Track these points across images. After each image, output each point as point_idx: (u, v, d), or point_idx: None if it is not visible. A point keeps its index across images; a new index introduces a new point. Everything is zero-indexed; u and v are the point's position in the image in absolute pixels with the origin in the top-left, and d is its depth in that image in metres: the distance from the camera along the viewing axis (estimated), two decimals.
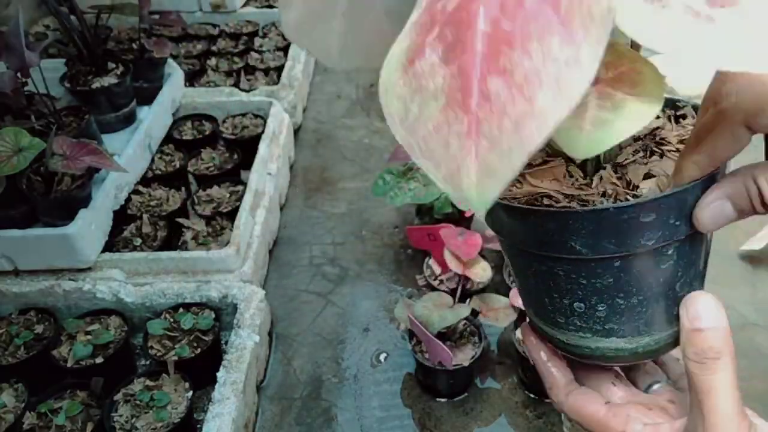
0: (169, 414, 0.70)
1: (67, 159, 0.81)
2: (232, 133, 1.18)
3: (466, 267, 0.78)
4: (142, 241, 0.92)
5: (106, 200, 0.91)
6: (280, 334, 0.90)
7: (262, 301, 0.84)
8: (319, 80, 1.55)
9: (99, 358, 0.76)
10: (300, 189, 1.20)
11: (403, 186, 0.91)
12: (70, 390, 0.73)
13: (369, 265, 1.01)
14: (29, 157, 0.78)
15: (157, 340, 0.79)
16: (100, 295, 0.83)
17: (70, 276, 0.85)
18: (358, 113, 1.42)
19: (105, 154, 0.83)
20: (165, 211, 0.98)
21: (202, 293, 0.83)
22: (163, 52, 1.11)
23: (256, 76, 1.37)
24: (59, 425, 0.69)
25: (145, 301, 0.83)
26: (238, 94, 1.26)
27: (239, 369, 0.73)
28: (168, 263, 0.87)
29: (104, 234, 0.90)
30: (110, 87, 1.05)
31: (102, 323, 0.81)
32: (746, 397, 0.30)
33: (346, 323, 0.91)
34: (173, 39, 1.48)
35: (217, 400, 0.69)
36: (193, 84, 1.33)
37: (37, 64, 0.89)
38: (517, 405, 0.79)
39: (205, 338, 0.79)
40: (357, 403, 0.80)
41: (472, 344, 0.79)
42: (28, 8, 1.38)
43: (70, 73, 1.07)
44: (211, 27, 1.56)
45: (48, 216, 0.87)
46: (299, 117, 1.36)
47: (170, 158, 1.10)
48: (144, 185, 1.02)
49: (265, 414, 0.79)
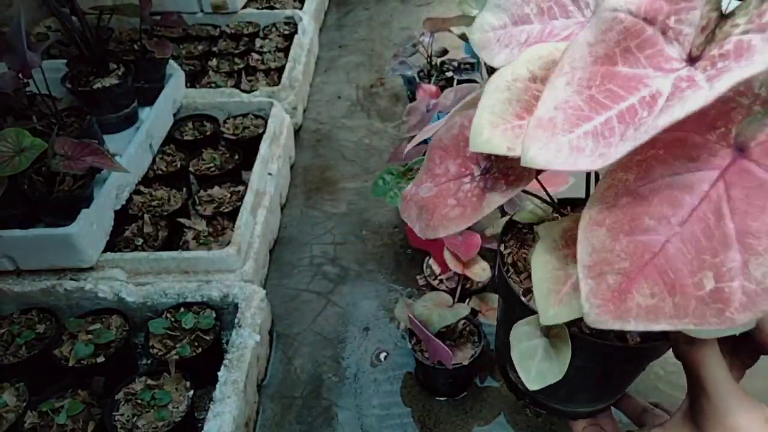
0: (170, 413, 0.70)
1: (69, 159, 0.81)
2: (233, 133, 1.18)
3: (466, 267, 0.78)
4: (144, 241, 0.93)
5: (108, 200, 0.91)
6: (280, 333, 0.91)
7: (263, 301, 0.84)
8: (319, 81, 1.56)
9: (100, 358, 0.77)
10: (300, 189, 1.20)
11: (403, 186, 0.91)
12: (71, 389, 0.73)
13: (369, 264, 1.02)
14: (31, 157, 0.78)
15: (158, 340, 0.79)
16: (102, 294, 0.83)
17: (71, 276, 0.85)
18: (358, 114, 1.42)
19: (106, 155, 0.84)
20: (166, 211, 0.98)
21: (203, 293, 0.84)
22: (164, 52, 1.12)
23: (257, 76, 1.38)
24: (60, 424, 0.69)
25: (146, 301, 0.84)
26: (239, 94, 1.26)
27: (240, 368, 0.73)
28: (169, 263, 0.88)
29: (106, 234, 0.90)
30: (112, 87, 1.05)
31: (103, 323, 0.81)
32: None
33: (347, 323, 0.92)
34: (174, 40, 1.48)
35: (218, 399, 0.70)
36: (194, 85, 1.33)
37: (39, 64, 0.89)
38: (517, 404, 0.79)
39: (206, 337, 0.79)
40: (357, 402, 0.80)
41: (472, 343, 0.79)
42: (29, 9, 1.39)
43: (71, 74, 1.07)
44: (212, 28, 1.56)
45: (50, 216, 0.87)
46: (300, 117, 1.36)
47: (171, 158, 1.11)
48: (145, 185, 1.02)
49: (266, 413, 0.80)
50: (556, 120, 0.35)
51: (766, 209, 0.30)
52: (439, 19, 1.11)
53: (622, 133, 0.33)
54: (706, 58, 0.33)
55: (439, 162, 0.49)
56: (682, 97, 0.30)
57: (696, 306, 0.31)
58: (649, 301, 0.32)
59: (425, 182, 0.49)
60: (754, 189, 0.31)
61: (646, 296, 0.32)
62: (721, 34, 0.33)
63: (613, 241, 0.34)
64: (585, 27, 0.36)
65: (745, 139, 0.32)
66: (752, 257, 0.30)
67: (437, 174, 0.48)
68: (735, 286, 0.30)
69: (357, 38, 1.76)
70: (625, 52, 0.35)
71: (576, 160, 0.33)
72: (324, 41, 1.74)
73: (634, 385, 0.81)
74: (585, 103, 0.35)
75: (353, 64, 1.62)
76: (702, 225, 0.32)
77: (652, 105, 0.32)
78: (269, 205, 1.02)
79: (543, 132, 0.35)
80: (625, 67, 0.35)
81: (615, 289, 0.33)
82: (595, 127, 0.34)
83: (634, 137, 0.32)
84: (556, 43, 0.42)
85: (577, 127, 0.35)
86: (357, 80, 1.55)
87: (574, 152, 0.34)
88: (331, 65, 1.63)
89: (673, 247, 0.32)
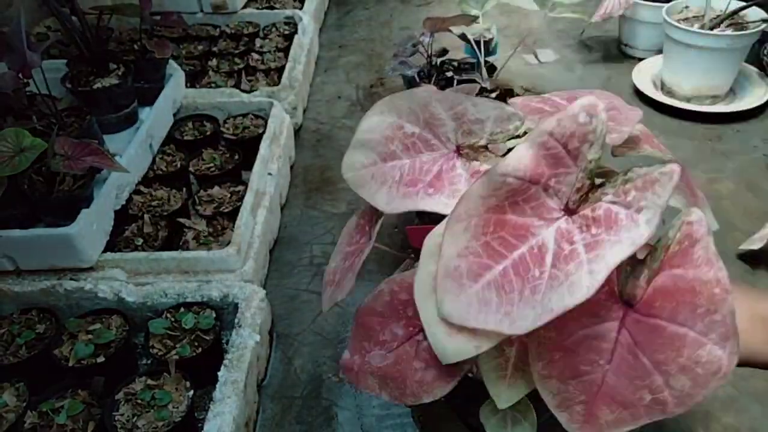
0: (170, 413, 0.70)
1: (69, 159, 0.81)
2: (233, 133, 1.18)
3: None
4: (144, 241, 0.93)
5: (108, 200, 0.91)
6: (280, 333, 0.91)
7: (263, 301, 0.84)
8: (319, 81, 1.56)
9: (100, 358, 0.77)
10: (300, 189, 1.20)
11: None
12: (71, 389, 0.73)
13: (369, 265, 1.01)
14: (31, 157, 0.78)
15: (158, 340, 0.79)
16: (102, 294, 0.83)
17: (71, 276, 0.85)
18: (358, 114, 1.42)
19: (106, 155, 0.84)
20: (166, 211, 0.98)
21: (203, 293, 0.84)
22: (164, 52, 1.12)
23: (257, 76, 1.38)
24: (60, 424, 0.69)
25: (146, 301, 0.84)
26: (239, 94, 1.26)
27: (240, 368, 0.73)
28: (169, 263, 0.88)
29: (105, 234, 0.90)
30: (111, 87, 1.05)
31: (103, 323, 0.81)
32: (746, 397, 0.31)
33: (347, 323, 0.92)
34: (174, 40, 1.48)
35: (218, 399, 0.70)
36: (194, 85, 1.33)
37: (39, 64, 0.89)
38: None
39: (206, 337, 0.79)
40: (357, 402, 0.80)
41: None
42: (29, 9, 1.39)
43: (71, 74, 1.07)
44: (212, 28, 1.56)
45: (49, 216, 0.87)
46: (300, 117, 1.36)
47: (171, 158, 1.11)
48: (145, 185, 1.02)
49: (266, 413, 0.80)
50: (461, 269, 0.43)
51: (664, 345, 0.41)
52: (439, 19, 1.11)
53: (519, 289, 0.41)
54: (581, 214, 0.42)
55: (380, 329, 0.52)
56: (570, 283, 0.39)
57: (645, 411, 0.41)
58: (612, 416, 0.42)
59: (371, 350, 0.53)
60: (650, 333, 0.41)
61: (608, 414, 0.42)
62: (593, 198, 0.42)
63: (566, 386, 0.44)
64: (476, 182, 0.43)
65: (628, 296, 0.42)
66: (669, 377, 0.40)
67: (384, 340, 0.52)
68: (666, 395, 0.41)
69: (357, 38, 1.76)
70: (514, 204, 0.43)
71: (486, 317, 0.41)
72: (324, 41, 1.74)
73: None
74: (483, 250, 0.43)
75: (353, 64, 1.62)
76: (624, 363, 0.42)
77: (542, 263, 0.41)
78: (269, 205, 1.02)
79: (452, 283, 0.43)
80: (514, 216, 0.43)
81: (583, 414, 0.43)
82: (495, 278, 0.42)
83: (533, 310, 0.40)
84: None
85: (481, 277, 0.42)
86: (357, 80, 1.55)
87: (483, 307, 0.42)
88: (331, 65, 1.63)
89: (611, 380, 0.42)
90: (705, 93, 1.30)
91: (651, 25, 1.44)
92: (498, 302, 0.41)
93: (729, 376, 0.39)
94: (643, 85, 1.36)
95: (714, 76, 1.28)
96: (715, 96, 1.30)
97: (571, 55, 1.57)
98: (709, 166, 1.16)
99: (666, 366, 0.40)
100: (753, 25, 1.24)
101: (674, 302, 0.40)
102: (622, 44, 1.56)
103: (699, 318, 0.39)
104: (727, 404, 0.75)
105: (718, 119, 1.28)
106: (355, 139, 0.51)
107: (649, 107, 1.34)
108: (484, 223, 0.43)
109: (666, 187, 0.39)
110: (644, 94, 1.34)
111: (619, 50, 1.57)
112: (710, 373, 0.39)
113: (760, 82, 1.34)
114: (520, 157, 0.42)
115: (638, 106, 1.34)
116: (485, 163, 0.49)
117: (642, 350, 0.41)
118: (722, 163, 1.17)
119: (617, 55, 1.56)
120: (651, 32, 1.46)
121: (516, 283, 0.41)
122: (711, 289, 0.39)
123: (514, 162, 0.42)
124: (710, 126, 1.27)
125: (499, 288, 0.42)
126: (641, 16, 1.45)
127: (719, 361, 0.39)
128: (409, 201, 0.49)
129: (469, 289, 0.42)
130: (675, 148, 1.21)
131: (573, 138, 0.41)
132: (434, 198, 0.49)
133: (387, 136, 0.50)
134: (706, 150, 1.21)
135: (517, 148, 0.42)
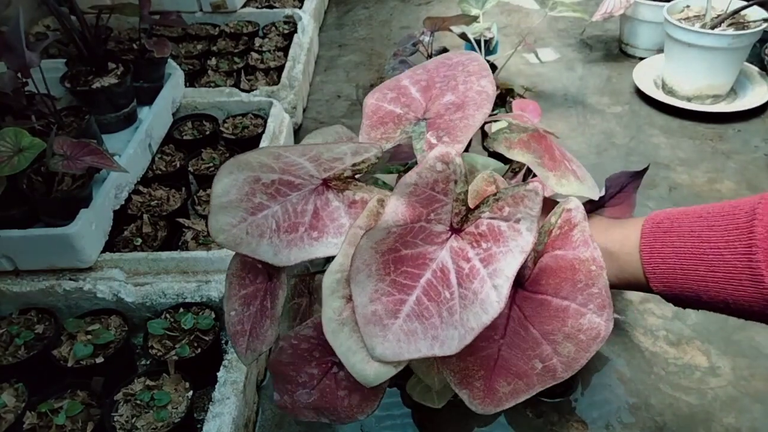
0: (169, 414, 0.70)
1: (68, 159, 0.81)
2: (232, 133, 1.18)
3: None
4: (143, 241, 0.93)
5: (107, 200, 0.91)
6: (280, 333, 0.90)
7: None
8: (319, 80, 1.55)
9: (99, 358, 0.76)
10: None
11: None
12: (70, 390, 0.73)
13: None
14: (30, 157, 0.78)
15: (157, 340, 0.79)
16: (101, 294, 0.83)
17: (70, 276, 0.85)
18: (358, 113, 1.42)
19: (105, 154, 0.84)
20: (165, 211, 0.98)
21: (202, 293, 0.83)
22: (164, 52, 1.11)
23: (257, 76, 1.37)
24: (59, 425, 0.69)
25: (145, 301, 0.83)
26: (239, 94, 1.26)
27: (239, 368, 0.73)
28: (168, 263, 0.87)
29: (104, 234, 0.90)
30: (111, 87, 1.05)
31: (102, 323, 0.81)
32: (746, 397, 0.31)
33: None
34: (173, 39, 1.48)
35: (217, 400, 0.69)
36: (193, 84, 1.33)
37: (38, 64, 0.89)
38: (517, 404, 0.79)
39: (206, 338, 0.79)
40: None
41: None
42: (28, 8, 1.38)
43: (70, 74, 1.07)
44: (212, 27, 1.56)
45: (48, 216, 0.87)
46: (299, 117, 1.36)
47: (171, 158, 1.10)
48: (144, 185, 1.02)
49: (266, 413, 0.79)
50: (378, 312, 0.45)
51: (551, 317, 0.45)
52: (439, 19, 1.11)
53: (438, 312, 0.44)
54: (467, 231, 0.45)
55: (295, 374, 0.56)
56: (481, 301, 0.42)
57: (538, 379, 0.46)
58: (508, 388, 0.47)
59: (295, 391, 0.56)
60: (538, 307, 0.46)
61: (505, 386, 0.47)
62: (473, 218, 0.45)
63: (465, 363, 0.47)
64: (364, 238, 0.44)
65: (518, 276, 0.44)
66: (557, 345, 0.45)
67: (303, 381, 0.57)
68: (555, 362, 0.45)
69: (357, 37, 1.75)
70: (405, 243, 0.45)
71: (417, 346, 0.44)
72: (324, 40, 1.73)
73: (635, 386, 0.81)
74: (391, 288, 0.45)
75: (353, 63, 1.62)
76: (517, 335, 0.47)
77: (448, 284, 0.44)
78: None
79: (374, 327, 0.45)
80: (408, 250, 0.45)
81: (483, 389, 0.47)
82: (412, 308, 0.45)
83: (456, 330, 0.43)
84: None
85: (399, 311, 0.45)
86: (357, 79, 1.54)
87: (411, 337, 0.44)
88: (331, 64, 1.62)
89: (506, 353, 0.47)
90: (706, 92, 1.30)
91: (652, 24, 1.44)
92: (422, 329, 0.44)
93: (605, 339, 0.45)
94: (643, 85, 1.36)
95: (715, 75, 1.27)
96: (716, 95, 1.30)
97: (572, 55, 1.57)
98: (710, 165, 1.16)
99: (553, 335, 0.45)
100: (754, 24, 1.24)
101: (557, 279, 0.45)
102: (622, 43, 1.56)
103: (579, 291, 0.45)
104: (728, 405, 0.75)
105: (719, 119, 1.28)
106: (212, 205, 0.49)
107: (650, 107, 1.34)
108: (384, 266, 0.45)
109: (535, 200, 0.43)
110: (645, 94, 1.34)
111: (620, 49, 1.57)
112: (591, 338, 0.44)
113: (761, 81, 1.33)
114: (395, 211, 0.44)
115: (639, 105, 1.35)
116: (359, 192, 0.49)
117: (531, 323, 0.46)
118: (723, 162, 1.17)
119: (618, 54, 1.56)
120: (652, 31, 1.46)
121: (432, 308, 0.44)
122: (588, 267, 0.45)
123: (392, 216, 0.44)
124: (711, 126, 1.27)
125: (419, 316, 0.44)
126: (642, 16, 1.45)
127: (598, 328, 0.44)
128: (296, 250, 0.48)
129: (393, 326, 0.45)
130: (676, 148, 1.21)
131: (437, 182, 0.44)
132: (322, 242, 0.48)
133: (246, 192, 0.48)
134: (707, 150, 1.21)
135: (389, 204, 0.44)
